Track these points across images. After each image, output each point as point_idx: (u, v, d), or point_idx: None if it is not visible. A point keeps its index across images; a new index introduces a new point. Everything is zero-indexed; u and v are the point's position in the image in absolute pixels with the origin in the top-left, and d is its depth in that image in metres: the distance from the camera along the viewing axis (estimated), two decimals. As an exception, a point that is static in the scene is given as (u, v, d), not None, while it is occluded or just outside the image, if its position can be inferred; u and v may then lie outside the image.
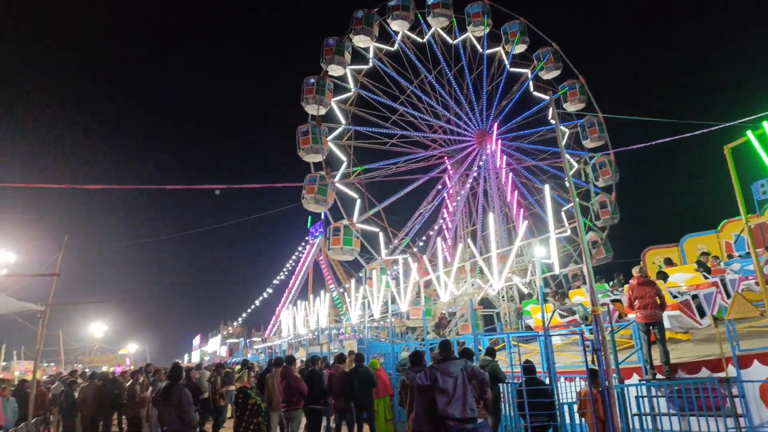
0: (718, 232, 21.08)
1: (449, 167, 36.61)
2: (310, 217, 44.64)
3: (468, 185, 36.81)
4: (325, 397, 10.42)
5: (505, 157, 35.17)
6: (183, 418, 7.05)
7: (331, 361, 13.06)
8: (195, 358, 70.45)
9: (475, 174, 36.97)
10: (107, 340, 59.85)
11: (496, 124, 36.16)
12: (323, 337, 23.88)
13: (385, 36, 36.23)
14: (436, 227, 35.79)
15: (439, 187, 36.43)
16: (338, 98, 33.97)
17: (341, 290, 39.44)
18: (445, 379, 6.57)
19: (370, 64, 35.64)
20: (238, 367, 14.97)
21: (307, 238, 49.09)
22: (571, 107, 35.96)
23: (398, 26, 35.55)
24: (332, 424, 11.51)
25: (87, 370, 17.82)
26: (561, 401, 8.63)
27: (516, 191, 33.89)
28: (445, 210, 36.56)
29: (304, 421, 10.15)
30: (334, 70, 33.51)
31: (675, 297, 11.54)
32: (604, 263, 33.08)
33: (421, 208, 35.73)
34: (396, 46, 36.27)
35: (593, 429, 7.65)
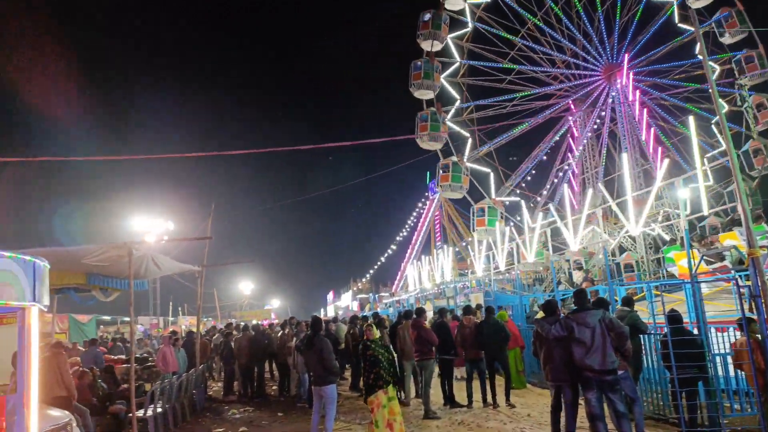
0: None
1: (572, 107, 34.09)
2: (428, 172, 44.79)
3: (595, 125, 34.16)
4: (454, 348, 10.63)
5: (638, 92, 31.87)
6: (325, 365, 7.65)
7: (458, 314, 13.25)
8: (330, 312, 75.42)
9: (603, 113, 34.09)
10: (254, 297, 66.23)
11: (627, 55, 32.70)
12: (449, 291, 24.21)
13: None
14: (561, 174, 33.89)
15: (561, 130, 34.20)
16: (454, 34, 32.63)
17: (463, 244, 39.46)
18: (582, 330, 6.35)
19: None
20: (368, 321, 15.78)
21: (426, 194, 49.51)
22: (727, 39, 31.09)
23: None
24: (463, 375, 11.77)
25: (241, 323, 19.90)
26: (713, 352, 7.96)
27: (652, 128, 30.73)
28: (569, 154, 34.41)
29: (436, 370, 10.48)
30: (452, 4, 31.80)
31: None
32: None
33: (538, 149, 33.90)
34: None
35: (752, 381, 6.98)
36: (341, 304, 72.71)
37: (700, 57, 30.02)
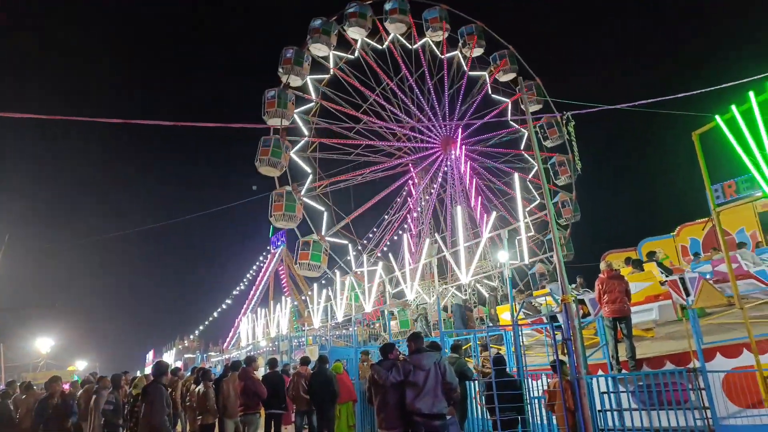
0: (675, 236, 21.50)
1: (414, 175, 36.70)
2: (272, 227, 43.82)
3: (434, 191, 37.07)
4: (285, 402, 9.93)
5: (469, 162, 35.58)
6: (152, 421, 6.68)
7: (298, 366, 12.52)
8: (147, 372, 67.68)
9: (440, 180, 37.28)
10: (54, 356, 56.76)
11: (460, 130, 36.45)
12: (284, 345, 23.16)
13: (345, 44, 35.92)
14: (401, 233, 35.95)
15: (405, 194, 36.63)
16: (301, 109, 33.69)
17: (303, 298, 38.73)
18: (417, 373, 6.23)
19: (331, 73, 35.42)
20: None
21: (268, 248, 48.22)
22: (531, 107, 36.87)
23: (356, 33, 35.28)
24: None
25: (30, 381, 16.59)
26: (531, 396, 8.42)
27: (480, 197, 34.25)
28: (409, 217, 36.54)
29: (262, 426, 9.62)
30: (294, 81, 33.33)
31: (663, 284, 11.53)
32: (565, 261, 34.18)
33: (387, 216, 35.76)
34: (356, 53, 36.13)
35: (563, 422, 7.45)
36: (163, 365, 65.71)
37: (514, 125, 36.40)
